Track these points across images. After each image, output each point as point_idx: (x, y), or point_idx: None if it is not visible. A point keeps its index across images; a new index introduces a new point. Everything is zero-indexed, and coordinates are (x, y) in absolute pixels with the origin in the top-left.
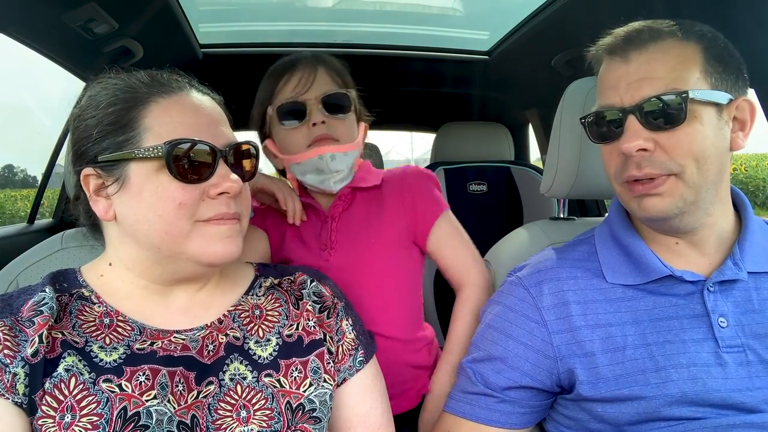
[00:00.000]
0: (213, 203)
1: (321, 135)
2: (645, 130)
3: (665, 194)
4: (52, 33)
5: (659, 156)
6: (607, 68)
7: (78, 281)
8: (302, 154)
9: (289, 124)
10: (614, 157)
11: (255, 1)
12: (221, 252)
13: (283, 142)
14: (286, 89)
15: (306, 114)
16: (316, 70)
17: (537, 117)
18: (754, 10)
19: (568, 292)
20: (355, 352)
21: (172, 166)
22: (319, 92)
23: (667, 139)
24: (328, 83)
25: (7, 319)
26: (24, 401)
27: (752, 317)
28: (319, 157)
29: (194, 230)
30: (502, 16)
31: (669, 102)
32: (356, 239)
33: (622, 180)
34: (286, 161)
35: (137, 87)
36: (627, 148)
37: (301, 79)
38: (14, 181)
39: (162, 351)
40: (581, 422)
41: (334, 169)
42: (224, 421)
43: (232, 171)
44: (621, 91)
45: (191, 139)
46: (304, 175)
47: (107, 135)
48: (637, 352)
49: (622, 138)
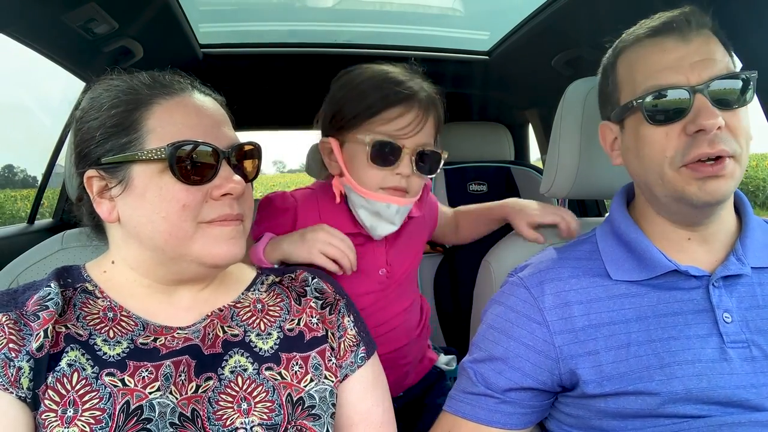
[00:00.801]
0: (216, 204)
1: (398, 187)
2: (715, 108)
3: (728, 176)
4: (52, 33)
5: (727, 135)
6: (658, 48)
7: (82, 276)
8: (372, 195)
9: (376, 163)
10: (673, 139)
11: (255, 1)
12: (225, 253)
13: (356, 167)
14: (392, 125)
15: (396, 161)
16: (427, 118)
17: (537, 117)
18: (754, 11)
19: (570, 292)
20: (357, 349)
21: (175, 168)
22: (420, 143)
23: (731, 118)
24: (430, 135)
25: (12, 313)
26: (28, 395)
27: (756, 312)
28: (387, 205)
29: (198, 232)
30: (502, 16)
31: (741, 81)
32: (406, 257)
33: (686, 161)
34: (348, 183)
35: (139, 88)
36: (708, 125)
37: (413, 122)
38: (14, 181)
39: (165, 348)
40: (584, 420)
41: (391, 221)
42: (225, 413)
43: (235, 172)
44: (685, 70)
45: (194, 140)
46: (360, 208)
47: (110, 137)
48: (642, 349)
49: (700, 115)
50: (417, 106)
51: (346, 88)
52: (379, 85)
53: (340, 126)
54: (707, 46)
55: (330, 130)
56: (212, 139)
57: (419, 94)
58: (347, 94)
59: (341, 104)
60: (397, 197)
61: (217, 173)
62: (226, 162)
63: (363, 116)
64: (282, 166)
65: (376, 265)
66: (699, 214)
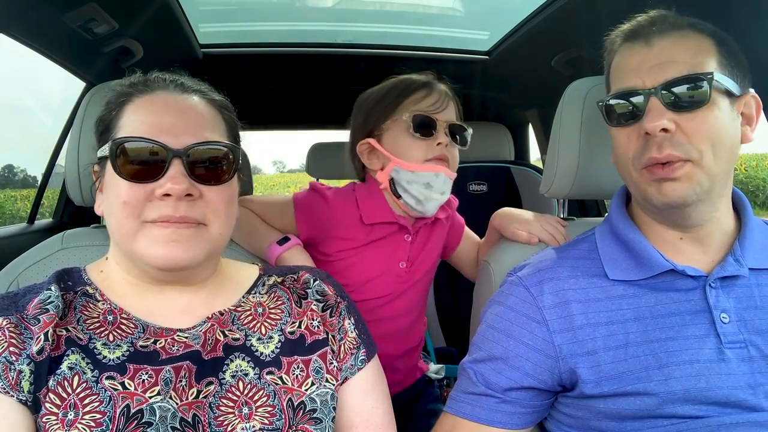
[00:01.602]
0: (160, 204)
1: (442, 155)
2: (667, 111)
3: (683, 179)
4: (52, 33)
5: (680, 138)
6: (627, 53)
7: (82, 279)
8: (422, 166)
9: (418, 133)
10: (632, 141)
11: (255, 1)
12: (163, 255)
13: (400, 148)
14: (423, 103)
15: (434, 132)
16: (449, 100)
17: (537, 117)
18: (754, 11)
19: (569, 291)
20: (357, 351)
21: (115, 164)
22: (449, 118)
23: (688, 122)
24: (454, 114)
25: (13, 317)
26: (29, 399)
27: (754, 313)
28: (436, 174)
29: (141, 230)
30: (502, 16)
31: (693, 83)
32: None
33: (641, 164)
34: (397, 164)
35: (124, 87)
36: (651, 127)
37: (438, 100)
38: (14, 181)
39: (165, 353)
40: (583, 420)
41: (441, 190)
42: (226, 418)
43: (193, 174)
44: (643, 74)
45: (138, 137)
46: (411, 184)
47: (100, 134)
48: (640, 349)
49: (645, 118)
50: (437, 89)
51: (371, 95)
52: (400, 81)
53: (376, 120)
54: (671, 49)
55: (363, 134)
56: (169, 137)
57: (434, 81)
58: (374, 96)
59: (371, 107)
60: (443, 166)
61: (166, 173)
62: (180, 162)
63: (397, 101)
64: (282, 166)
65: (398, 257)
66: (676, 214)
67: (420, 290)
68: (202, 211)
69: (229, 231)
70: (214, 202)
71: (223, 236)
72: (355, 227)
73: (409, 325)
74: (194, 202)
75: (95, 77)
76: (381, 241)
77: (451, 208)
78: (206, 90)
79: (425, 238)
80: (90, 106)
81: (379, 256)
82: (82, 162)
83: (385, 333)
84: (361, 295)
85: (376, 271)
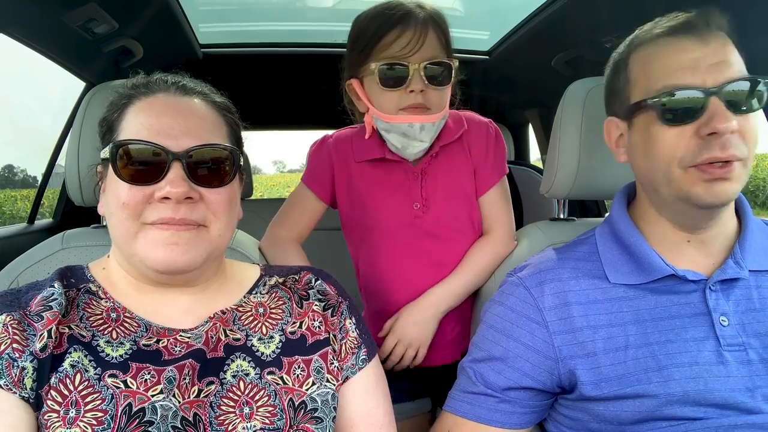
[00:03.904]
0: (159, 207)
1: (415, 104)
2: (729, 111)
3: (734, 179)
4: (52, 33)
5: (738, 139)
6: (675, 48)
7: (85, 276)
8: (392, 117)
9: (386, 86)
10: (684, 140)
11: (255, 1)
12: (162, 257)
13: (374, 97)
14: (393, 47)
15: (406, 80)
16: (426, 32)
17: (537, 117)
18: (754, 11)
19: (569, 293)
20: (358, 351)
21: (115, 166)
22: (425, 57)
23: (743, 123)
24: (434, 48)
25: (16, 313)
26: (31, 396)
27: (753, 316)
28: (409, 125)
29: (141, 232)
30: (502, 16)
31: (754, 86)
32: (445, 194)
33: (696, 162)
34: (374, 113)
35: (126, 89)
36: (723, 127)
37: (411, 41)
38: (14, 181)
39: (167, 353)
40: (582, 422)
41: (420, 138)
42: (227, 417)
43: (193, 176)
44: (702, 72)
45: (138, 140)
46: (389, 133)
47: (103, 135)
48: (639, 352)
49: (714, 118)
50: (413, 23)
51: (353, 28)
52: (375, 17)
53: (353, 64)
54: (724, 49)
55: (350, 71)
56: (169, 140)
57: (414, 12)
58: (352, 34)
59: (350, 45)
60: (417, 115)
61: (165, 176)
62: (180, 165)
63: (367, 49)
64: (282, 165)
65: (410, 198)
66: (702, 215)
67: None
68: (202, 213)
69: (230, 232)
70: (215, 203)
71: (224, 237)
72: (351, 165)
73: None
74: (194, 204)
75: (95, 77)
76: (385, 182)
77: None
78: (208, 92)
79: (439, 169)
80: (90, 107)
81: (391, 197)
82: (82, 162)
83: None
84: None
85: (389, 217)
